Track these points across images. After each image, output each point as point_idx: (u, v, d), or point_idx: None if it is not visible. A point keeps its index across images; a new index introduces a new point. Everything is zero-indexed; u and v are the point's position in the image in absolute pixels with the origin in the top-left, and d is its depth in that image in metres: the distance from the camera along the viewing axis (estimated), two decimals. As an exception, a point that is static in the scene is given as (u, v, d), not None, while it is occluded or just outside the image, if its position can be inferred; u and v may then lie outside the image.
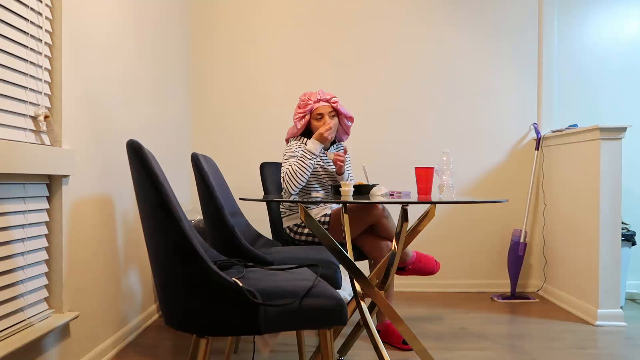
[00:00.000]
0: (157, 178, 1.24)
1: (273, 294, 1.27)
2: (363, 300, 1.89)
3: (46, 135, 1.65)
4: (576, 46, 3.42)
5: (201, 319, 1.24)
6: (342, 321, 1.31)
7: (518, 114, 3.43)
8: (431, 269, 2.34)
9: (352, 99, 3.40)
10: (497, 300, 3.15)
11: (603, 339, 2.39)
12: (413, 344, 1.82)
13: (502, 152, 3.44)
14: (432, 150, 3.42)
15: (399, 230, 1.83)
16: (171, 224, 1.23)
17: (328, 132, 2.25)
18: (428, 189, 2.01)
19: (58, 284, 1.70)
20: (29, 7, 1.55)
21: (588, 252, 2.73)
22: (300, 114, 2.38)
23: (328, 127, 2.25)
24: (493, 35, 3.42)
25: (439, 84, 3.43)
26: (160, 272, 1.30)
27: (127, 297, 2.31)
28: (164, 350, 2.20)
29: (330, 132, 2.26)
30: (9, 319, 1.48)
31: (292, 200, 1.68)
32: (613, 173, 2.61)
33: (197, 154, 1.95)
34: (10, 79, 1.47)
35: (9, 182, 1.47)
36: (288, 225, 2.43)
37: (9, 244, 1.48)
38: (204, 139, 3.43)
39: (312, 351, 2.19)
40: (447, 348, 2.24)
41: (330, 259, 1.97)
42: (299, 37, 3.41)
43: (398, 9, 3.41)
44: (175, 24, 3.06)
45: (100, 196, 2.01)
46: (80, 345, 1.85)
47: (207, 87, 3.43)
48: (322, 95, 2.38)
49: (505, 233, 3.44)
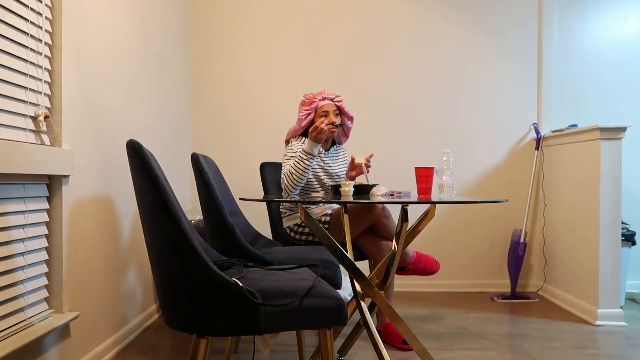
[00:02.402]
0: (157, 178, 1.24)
1: (273, 294, 1.27)
2: (363, 300, 1.89)
3: (46, 136, 1.65)
4: (576, 46, 3.42)
5: (201, 319, 1.24)
6: (342, 321, 1.31)
7: (518, 114, 3.43)
8: (431, 269, 2.34)
9: (352, 98, 3.40)
10: (497, 300, 3.15)
11: (603, 339, 2.39)
12: (413, 344, 1.82)
13: (502, 152, 3.44)
14: (432, 150, 3.42)
15: (399, 230, 1.83)
16: (171, 224, 1.23)
17: (316, 131, 2.14)
18: (428, 189, 2.01)
19: (58, 284, 1.70)
20: (29, 7, 1.55)
21: (588, 252, 2.73)
22: (306, 112, 2.38)
23: (314, 127, 2.15)
24: (493, 35, 3.42)
25: (438, 84, 3.43)
26: (160, 272, 1.30)
27: (127, 297, 2.31)
28: (163, 350, 2.20)
29: (318, 132, 2.15)
30: (9, 319, 1.48)
31: (292, 200, 1.68)
32: (613, 173, 2.61)
33: (197, 154, 1.95)
34: (10, 79, 1.47)
35: (9, 182, 1.47)
36: (288, 225, 2.43)
37: (9, 244, 1.48)
38: (204, 139, 3.43)
39: (312, 351, 2.19)
40: (447, 348, 2.24)
41: (330, 259, 1.97)
42: (298, 37, 3.41)
43: (398, 9, 3.41)
44: (175, 24, 3.06)
45: (100, 196, 2.01)
46: (80, 345, 1.85)
47: (207, 87, 3.43)
48: (327, 94, 2.41)
49: (505, 233, 3.44)
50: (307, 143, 2.20)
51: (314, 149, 2.19)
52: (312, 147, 2.19)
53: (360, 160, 2.32)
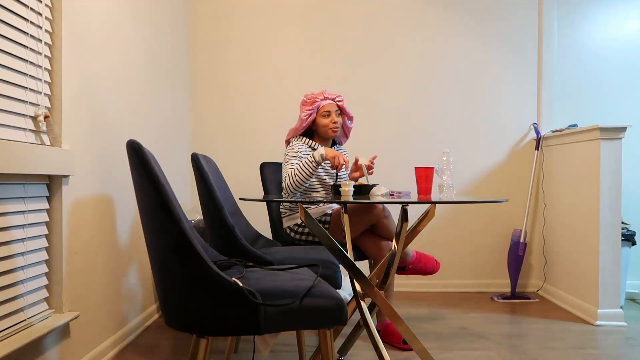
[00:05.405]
0: (157, 178, 1.24)
1: (273, 294, 1.27)
2: (363, 300, 1.89)
3: (46, 135, 1.65)
4: (576, 46, 3.42)
5: (201, 319, 1.24)
6: (342, 321, 1.31)
7: (518, 114, 3.43)
8: (431, 269, 2.34)
9: (353, 99, 3.40)
10: (497, 300, 3.15)
11: (603, 339, 2.39)
12: (413, 344, 1.82)
13: (502, 152, 3.44)
14: (432, 150, 3.42)
15: (399, 230, 1.83)
16: (171, 224, 1.23)
17: (340, 159, 2.16)
18: (428, 189, 2.01)
19: (58, 284, 1.70)
20: (29, 7, 1.55)
21: (588, 252, 2.73)
22: (308, 111, 2.39)
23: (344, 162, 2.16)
24: (493, 35, 3.42)
25: (438, 83, 3.43)
26: (161, 272, 1.30)
27: (127, 297, 2.30)
28: (164, 350, 2.20)
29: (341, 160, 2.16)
30: (9, 319, 1.48)
31: (292, 200, 1.68)
32: (613, 173, 2.61)
33: (197, 154, 1.95)
34: (10, 79, 1.47)
35: (9, 182, 1.47)
36: (288, 225, 2.43)
37: (9, 244, 1.48)
38: (204, 139, 3.43)
39: (312, 351, 2.19)
40: (447, 348, 2.24)
41: (330, 259, 1.96)
42: (299, 37, 3.41)
43: (398, 11, 3.41)
44: (176, 24, 3.06)
45: (100, 196, 2.01)
46: (80, 345, 1.85)
47: (207, 87, 3.43)
48: (328, 94, 2.43)
49: (505, 233, 3.44)
50: (318, 155, 2.19)
51: (322, 159, 2.21)
52: (322, 159, 2.20)
53: (363, 161, 2.32)
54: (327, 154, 2.17)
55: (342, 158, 2.15)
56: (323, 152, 2.18)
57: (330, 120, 2.40)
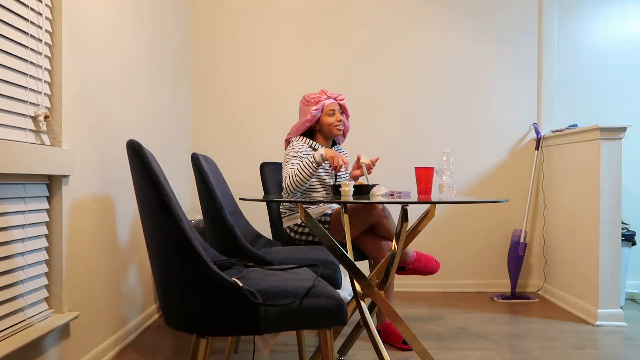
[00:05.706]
0: (157, 178, 1.24)
1: (273, 294, 1.27)
2: (363, 300, 1.89)
3: (46, 135, 1.65)
4: (576, 46, 3.42)
5: (201, 319, 1.24)
6: (342, 321, 1.31)
7: (518, 114, 3.43)
8: (431, 269, 2.34)
9: (353, 99, 3.40)
10: (497, 300, 3.15)
11: (603, 339, 2.39)
12: (413, 344, 1.82)
13: (502, 152, 3.44)
14: (432, 150, 3.42)
15: (399, 230, 1.83)
16: (171, 224, 1.23)
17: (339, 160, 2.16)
18: (428, 189, 2.01)
19: (58, 284, 1.70)
20: (29, 7, 1.55)
21: (588, 252, 2.73)
22: (315, 110, 2.40)
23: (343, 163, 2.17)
24: (493, 35, 3.42)
25: (439, 83, 3.43)
26: (160, 272, 1.30)
27: (127, 297, 2.30)
28: (164, 350, 2.20)
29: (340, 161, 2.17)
30: (9, 319, 1.48)
31: (292, 200, 1.68)
32: (613, 173, 2.61)
33: (197, 154, 1.95)
34: (10, 79, 1.47)
35: (9, 182, 1.47)
36: (288, 225, 2.43)
37: (9, 244, 1.48)
38: (204, 139, 3.43)
39: (312, 351, 2.19)
40: (447, 348, 2.24)
41: (330, 259, 1.96)
42: (299, 38, 3.41)
43: (399, 11, 3.41)
44: (176, 25, 3.06)
45: (100, 196, 2.01)
46: (80, 345, 1.85)
47: (207, 87, 3.43)
48: (330, 94, 2.45)
49: (505, 233, 3.44)
50: (318, 155, 2.19)
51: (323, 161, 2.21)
52: (322, 159, 2.20)
53: (364, 160, 2.33)
54: (327, 155, 2.17)
55: (341, 159, 2.16)
56: (323, 152, 2.19)
57: (335, 119, 2.41)
